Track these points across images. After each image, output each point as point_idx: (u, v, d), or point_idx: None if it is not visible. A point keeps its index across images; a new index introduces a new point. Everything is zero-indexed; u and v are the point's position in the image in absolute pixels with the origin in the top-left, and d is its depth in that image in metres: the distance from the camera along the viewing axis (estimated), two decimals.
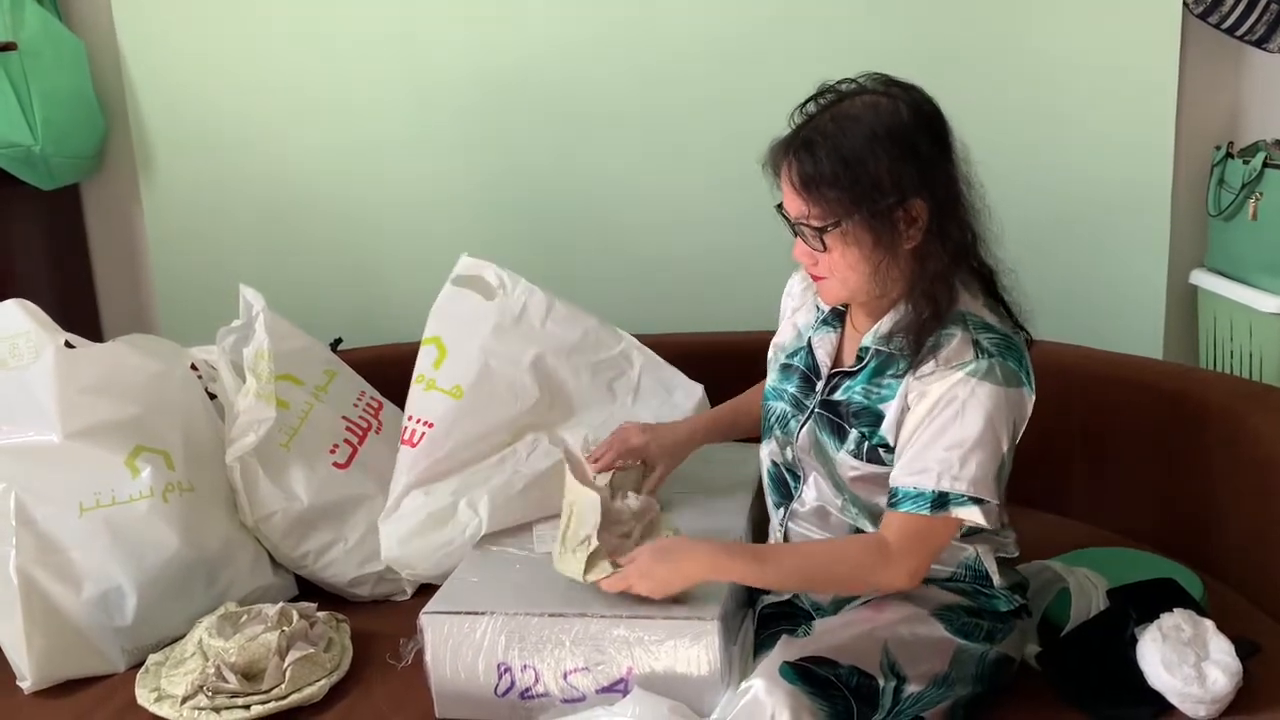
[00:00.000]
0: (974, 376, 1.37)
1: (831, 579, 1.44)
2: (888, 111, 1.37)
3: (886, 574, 1.40)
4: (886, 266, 1.39)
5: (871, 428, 1.44)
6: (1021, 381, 1.40)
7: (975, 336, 1.39)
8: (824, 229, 1.38)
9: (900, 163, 1.35)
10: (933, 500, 1.37)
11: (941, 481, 1.36)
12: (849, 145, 1.35)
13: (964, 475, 1.36)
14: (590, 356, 1.90)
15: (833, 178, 1.35)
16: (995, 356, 1.38)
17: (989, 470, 1.37)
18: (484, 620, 1.46)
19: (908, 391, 1.41)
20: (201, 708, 1.50)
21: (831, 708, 1.29)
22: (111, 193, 2.57)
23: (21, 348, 1.71)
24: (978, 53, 2.31)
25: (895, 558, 1.39)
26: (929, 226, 1.38)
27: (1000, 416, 1.38)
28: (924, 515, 1.37)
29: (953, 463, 1.36)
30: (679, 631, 1.40)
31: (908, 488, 1.38)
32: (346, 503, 1.84)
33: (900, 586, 1.41)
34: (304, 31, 2.42)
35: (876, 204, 1.35)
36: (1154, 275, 2.38)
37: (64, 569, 1.62)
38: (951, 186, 1.39)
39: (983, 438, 1.36)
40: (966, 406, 1.37)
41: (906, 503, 1.38)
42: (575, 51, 2.38)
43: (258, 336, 1.85)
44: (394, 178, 2.47)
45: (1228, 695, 1.39)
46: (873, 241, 1.38)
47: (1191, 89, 2.32)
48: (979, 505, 1.37)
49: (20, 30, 2.27)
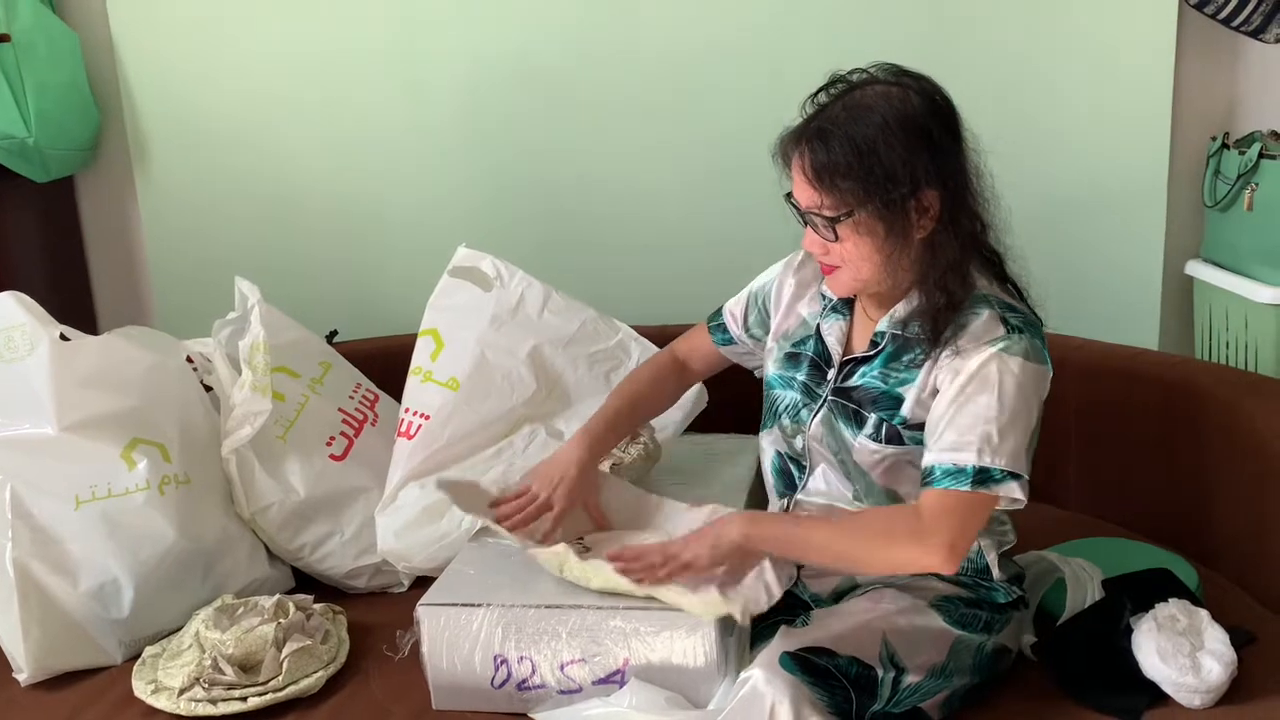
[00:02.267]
0: (1007, 352, 1.37)
1: (862, 552, 1.39)
2: (900, 101, 1.36)
3: (920, 549, 1.34)
4: (898, 256, 1.39)
5: (891, 410, 1.43)
6: (1045, 359, 1.41)
7: (1002, 314, 1.40)
8: (837, 219, 1.38)
9: (913, 153, 1.35)
10: (973, 476, 1.34)
11: (982, 457, 1.34)
12: (862, 135, 1.35)
13: (1003, 450, 1.34)
14: (587, 347, 1.90)
15: (846, 168, 1.35)
16: (1024, 332, 1.39)
17: (1022, 445, 1.37)
18: (480, 612, 1.46)
19: (937, 371, 1.40)
20: (198, 700, 1.50)
21: (831, 698, 1.30)
22: (106, 185, 2.56)
23: (17, 340, 1.71)
24: (971, 43, 2.30)
25: (930, 532, 1.34)
26: (941, 216, 1.38)
27: (1032, 390, 1.38)
28: (964, 491, 1.34)
29: (992, 437, 1.34)
30: (675, 623, 1.40)
31: (946, 464, 1.35)
32: (343, 495, 1.84)
33: (935, 565, 1.35)
34: (300, 22, 2.41)
35: (889, 194, 1.35)
36: (1150, 265, 2.38)
37: (60, 561, 1.62)
38: (963, 176, 1.39)
39: (1017, 413, 1.36)
40: (1002, 381, 1.36)
41: (945, 480, 1.35)
42: (573, 42, 2.38)
43: (253, 329, 1.84)
44: (390, 169, 2.47)
45: (1223, 685, 1.39)
46: (885, 231, 1.37)
47: (1187, 79, 2.32)
48: (1017, 481, 1.35)
49: (14, 22, 2.26)
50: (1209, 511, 1.82)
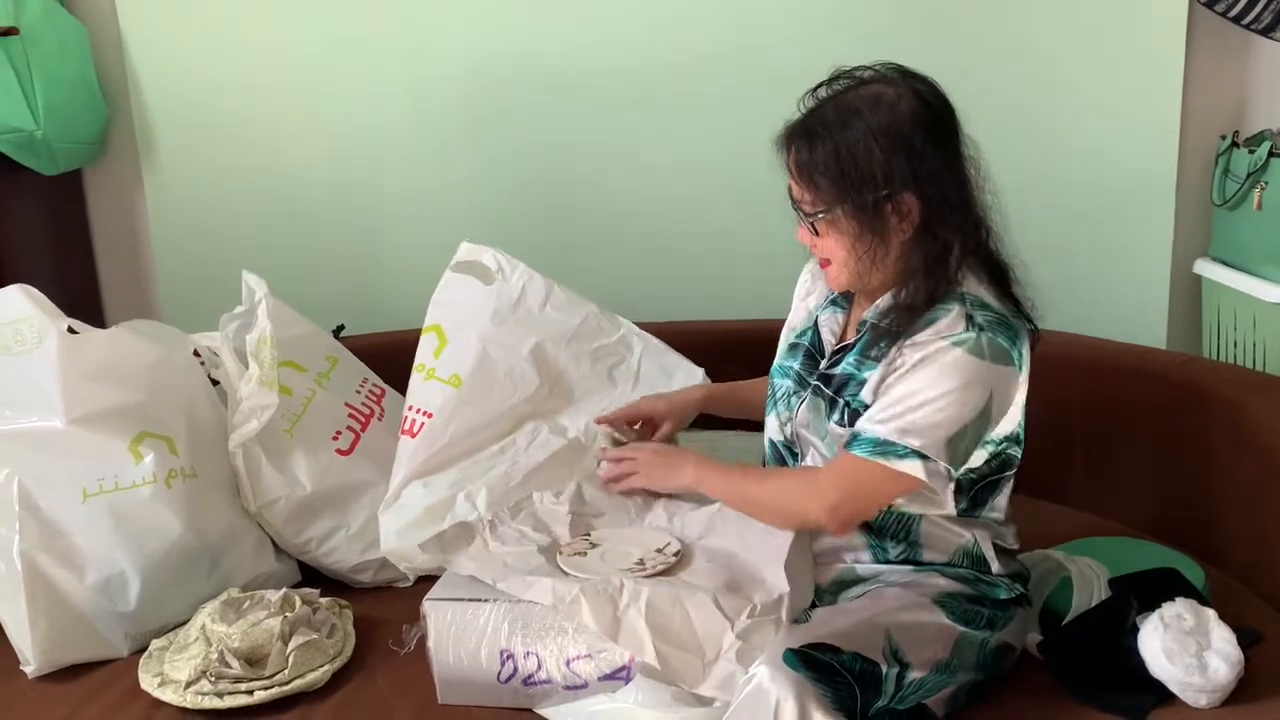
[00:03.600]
0: (957, 346, 1.40)
1: (764, 500, 1.51)
2: (890, 105, 1.40)
3: (808, 502, 1.45)
4: (877, 256, 1.44)
5: (854, 394, 1.47)
6: (1010, 360, 1.42)
7: (970, 312, 1.42)
8: (815, 215, 1.44)
9: (893, 158, 1.39)
10: (874, 445, 1.40)
11: (889, 431, 1.39)
12: (845, 138, 1.40)
13: (913, 429, 1.39)
14: (590, 343, 1.90)
15: (824, 167, 1.41)
16: (985, 331, 1.40)
17: (942, 431, 1.39)
18: (487, 607, 1.46)
19: (896, 357, 1.44)
20: (204, 693, 1.50)
21: (835, 694, 1.30)
22: (114, 178, 2.56)
23: (25, 333, 1.71)
24: (981, 41, 2.30)
25: (821, 490, 1.44)
26: (920, 221, 1.42)
27: (974, 386, 1.39)
28: (861, 457, 1.40)
29: (905, 416, 1.39)
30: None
31: (859, 432, 1.42)
32: (349, 489, 1.84)
33: (821, 522, 1.45)
34: (305, 17, 2.41)
35: (863, 196, 1.40)
36: (1158, 264, 2.37)
37: (67, 554, 1.63)
38: (949, 182, 1.42)
39: (945, 400, 1.39)
40: (940, 370, 1.39)
41: (854, 445, 1.42)
42: (577, 37, 2.37)
43: (260, 323, 1.84)
44: (397, 163, 2.47)
45: (1229, 684, 1.39)
46: (859, 231, 1.42)
47: (1197, 77, 2.31)
48: (922, 460, 1.38)
49: (22, 15, 2.26)
50: (1216, 511, 1.81)
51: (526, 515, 1.64)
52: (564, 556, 1.52)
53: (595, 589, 1.41)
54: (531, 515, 1.64)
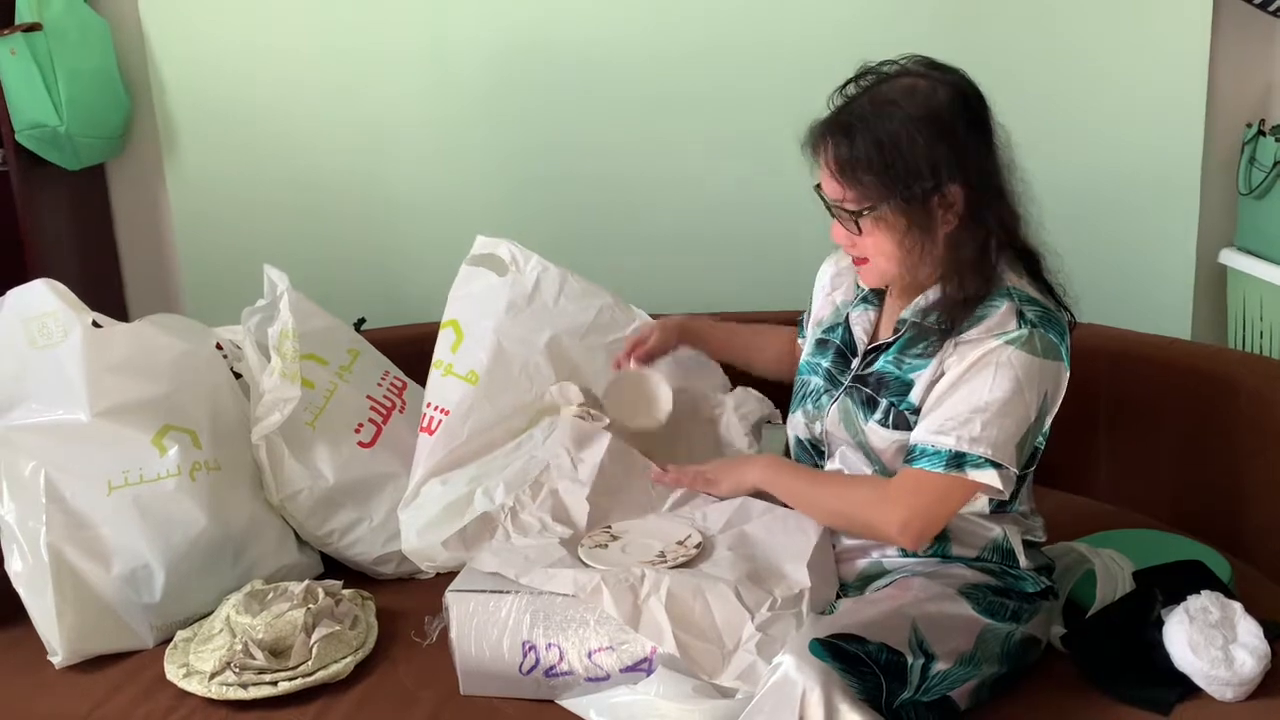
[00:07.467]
0: (1012, 345, 1.38)
1: (836, 509, 1.49)
2: (926, 95, 1.37)
3: (880, 515, 1.42)
4: (922, 250, 1.40)
5: (900, 396, 1.45)
6: (1060, 355, 1.40)
7: (1020, 308, 1.40)
8: (859, 213, 1.39)
9: (937, 148, 1.35)
10: (948, 459, 1.37)
11: (960, 442, 1.37)
12: (886, 130, 1.35)
13: (984, 438, 1.36)
14: (605, 336, 1.89)
15: (868, 162, 1.36)
16: (1037, 327, 1.39)
17: (1010, 436, 1.37)
18: (509, 599, 1.47)
19: (945, 357, 1.41)
20: (229, 684, 1.51)
21: (861, 684, 1.29)
22: (136, 173, 2.58)
23: (50, 327, 1.72)
24: (1005, 30, 2.28)
25: (892, 503, 1.41)
26: (965, 211, 1.39)
27: (1031, 385, 1.38)
28: (935, 472, 1.38)
29: (974, 425, 1.36)
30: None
31: (925, 445, 1.39)
32: (371, 481, 1.85)
33: (891, 535, 1.42)
34: (327, 10, 2.41)
35: (911, 189, 1.36)
36: (1183, 254, 2.35)
37: (93, 546, 1.64)
38: (988, 171, 1.40)
39: (1009, 404, 1.37)
40: (998, 372, 1.37)
41: (922, 459, 1.39)
42: (598, 30, 2.37)
43: (282, 316, 1.85)
44: (418, 157, 2.47)
45: (1255, 678, 1.38)
46: (907, 226, 1.38)
47: (1223, 65, 2.29)
48: (996, 469, 1.37)
49: (45, 10, 2.27)
50: (1242, 503, 1.80)
51: (547, 496, 1.63)
52: (585, 549, 1.53)
53: (616, 578, 1.41)
54: (552, 496, 1.63)
